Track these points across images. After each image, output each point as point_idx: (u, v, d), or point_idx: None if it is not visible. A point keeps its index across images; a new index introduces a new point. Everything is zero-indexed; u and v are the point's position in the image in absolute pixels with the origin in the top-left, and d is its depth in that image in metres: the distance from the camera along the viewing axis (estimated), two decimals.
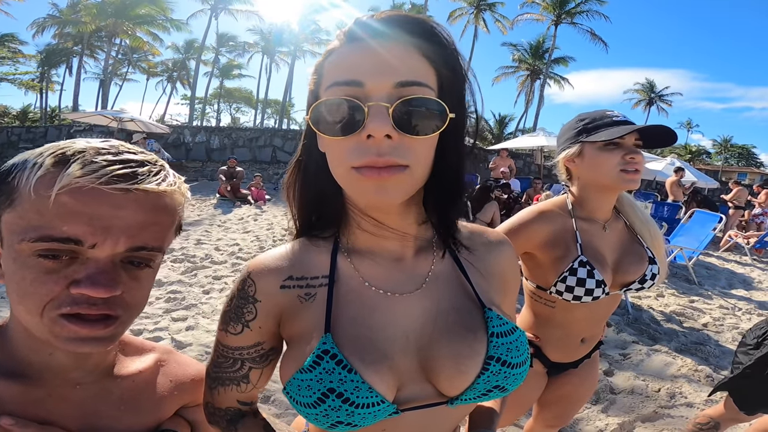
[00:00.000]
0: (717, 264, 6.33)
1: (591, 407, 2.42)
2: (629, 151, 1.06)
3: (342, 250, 0.62)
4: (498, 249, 0.70)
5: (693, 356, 3.07)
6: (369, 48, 0.50)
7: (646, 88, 43.62)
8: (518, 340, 0.61)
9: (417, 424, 0.60)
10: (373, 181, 0.49)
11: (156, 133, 12.18)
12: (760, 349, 1.47)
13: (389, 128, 0.47)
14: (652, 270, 1.14)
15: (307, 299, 0.60)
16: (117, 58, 30.99)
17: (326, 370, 0.53)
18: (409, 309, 0.60)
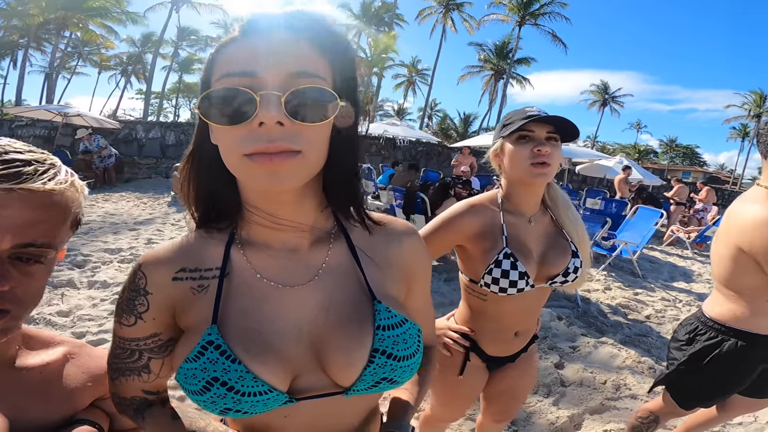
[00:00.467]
0: (660, 258, 6.71)
1: (543, 400, 2.48)
2: (537, 144, 1.07)
3: (237, 242, 0.62)
4: (400, 240, 0.70)
5: (636, 348, 3.21)
6: (263, 41, 0.51)
7: (601, 89, 45.82)
8: (406, 333, 0.62)
9: (317, 412, 0.63)
10: (265, 167, 0.49)
11: (105, 129, 11.52)
12: (693, 345, 1.50)
13: (281, 116, 0.48)
14: (574, 263, 1.17)
15: (200, 291, 0.60)
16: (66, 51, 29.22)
17: (210, 360, 0.55)
18: (301, 301, 0.61)
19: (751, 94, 41.33)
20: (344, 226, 0.66)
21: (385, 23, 34.32)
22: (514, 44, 32.54)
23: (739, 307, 1.39)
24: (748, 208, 1.30)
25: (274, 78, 0.49)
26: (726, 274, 1.39)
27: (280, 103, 0.48)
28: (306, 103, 0.50)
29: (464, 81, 38.36)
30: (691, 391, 1.55)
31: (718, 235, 1.44)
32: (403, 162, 9.44)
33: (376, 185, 7.60)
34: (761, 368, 1.45)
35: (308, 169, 0.53)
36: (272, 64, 0.50)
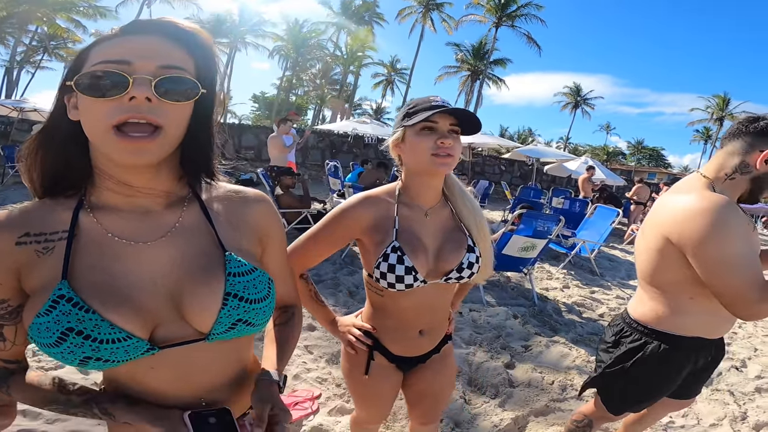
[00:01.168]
0: (620, 256, 6.84)
1: (489, 401, 2.42)
2: (441, 136, 1.05)
3: (86, 207, 0.66)
4: (253, 204, 0.80)
5: (587, 347, 3.20)
6: (139, 39, 0.61)
7: (573, 91, 47.04)
8: (256, 279, 0.71)
9: (183, 361, 0.68)
10: (128, 144, 0.57)
11: None
12: (618, 348, 1.44)
13: (149, 93, 0.57)
14: (468, 258, 1.13)
15: (45, 253, 0.63)
16: (31, 45, 27.94)
17: (63, 312, 0.58)
18: (154, 256, 0.67)
19: (715, 98, 43.27)
20: (198, 194, 0.74)
21: (365, 22, 34.21)
22: (491, 45, 33.00)
23: (660, 306, 1.33)
24: (681, 198, 1.23)
25: (145, 66, 0.59)
26: (650, 268, 1.32)
27: (150, 84, 0.58)
28: (171, 86, 0.60)
29: (442, 81, 38.70)
30: (618, 395, 1.49)
31: (645, 227, 1.38)
32: (372, 160, 9.35)
33: (342, 183, 7.47)
34: (687, 370, 1.40)
35: (168, 145, 0.62)
36: (145, 56, 0.60)
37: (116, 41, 0.61)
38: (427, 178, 1.12)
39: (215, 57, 0.68)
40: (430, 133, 1.05)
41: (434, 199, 1.16)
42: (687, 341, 1.33)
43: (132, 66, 0.58)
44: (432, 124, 1.05)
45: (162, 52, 0.61)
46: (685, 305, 1.29)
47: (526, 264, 4.08)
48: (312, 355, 2.74)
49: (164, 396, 0.70)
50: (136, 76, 0.57)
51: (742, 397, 2.75)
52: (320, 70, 36.91)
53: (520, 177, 16.55)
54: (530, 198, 8.91)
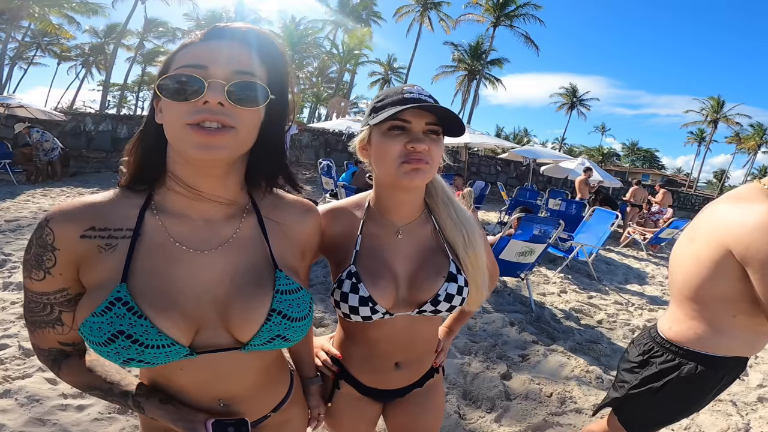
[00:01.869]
0: (616, 259, 6.77)
1: (485, 416, 2.31)
2: (413, 139, 0.82)
3: (152, 208, 0.69)
4: (304, 218, 0.82)
5: (586, 356, 3.11)
6: (217, 45, 0.65)
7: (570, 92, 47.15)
8: (300, 298, 0.73)
9: (214, 365, 0.71)
10: (202, 138, 0.60)
11: (51, 121, 10.82)
12: (647, 368, 1.35)
13: (222, 98, 0.61)
14: (447, 289, 0.91)
15: (107, 249, 0.64)
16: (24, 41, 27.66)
17: (117, 315, 0.61)
18: (209, 265, 0.69)
19: (710, 100, 43.52)
20: (256, 204, 0.76)
21: (363, 20, 34.03)
22: (488, 45, 32.92)
23: (701, 325, 1.23)
24: (748, 209, 1.11)
25: (220, 72, 0.62)
26: (697, 281, 1.21)
27: (222, 89, 0.61)
28: (243, 92, 0.63)
29: (438, 80, 38.52)
30: (643, 415, 1.40)
31: (694, 236, 1.26)
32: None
33: (335, 182, 7.34)
34: (716, 390, 1.32)
35: (238, 145, 0.64)
36: (220, 62, 0.62)
37: (197, 46, 0.64)
38: (397, 190, 0.91)
39: (287, 66, 0.70)
40: (399, 135, 0.83)
41: (410, 215, 0.96)
42: (726, 361, 1.25)
43: (207, 70, 0.62)
44: (403, 123, 0.82)
45: (236, 58, 0.64)
46: (728, 323, 1.20)
47: (523, 269, 3.98)
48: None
49: (187, 395, 0.73)
50: (210, 81, 0.61)
51: (744, 408, 2.68)
52: (316, 68, 36.68)
53: (516, 178, 16.49)
54: (526, 199, 8.83)
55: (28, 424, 1.86)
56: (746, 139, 43.36)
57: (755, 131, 43.07)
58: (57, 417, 1.93)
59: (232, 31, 0.66)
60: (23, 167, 8.53)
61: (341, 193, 5.73)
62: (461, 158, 12.23)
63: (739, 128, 42.97)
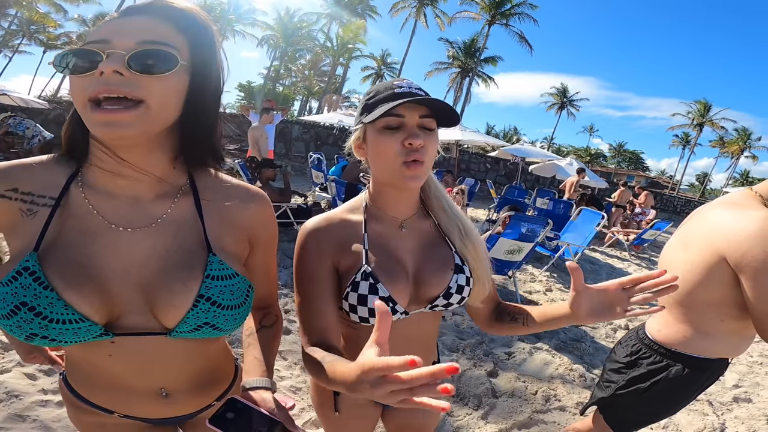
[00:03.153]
0: (600, 259, 6.89)
1: (472, 413, 2.34)
2: (409, 134, 0.80)
3: (78, 180, 0.66)
4: (250, 204, 0.77)
5: (570, 354, 3.16)
6: (127, 19, 0.62)
7: (560, 92, 47.58)
8: (234, 285, 0.69)
9: (141, 351, 0.68)
10: (101, 117, 0.56)
11: (35, 109, 10.56)
12: (634, 369, 1.38)
13: (119, 67, 0.56)
14: (457, 280, 0.91)
15: (28, 215, 0.62)
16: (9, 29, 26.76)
17: (22, 285, 0.58)
18: (134, 244, 0.66)
19: (696, 104, 44.34)
20: (195, 184, 0.72)
21: (358, 14, 33.78)
22: (482, 43, 33.00)
23: (689, 328, 1.27)
24: (744, 216, 1.12)
25: (122, 44, 0.58)
26: (687, 285, 1.23)
27: (123, 59, 0.57)
28: (147, 59, 0.58)
29: (431, 77, 38.56)
30: (628, 414, 1.44)
31: (687, 241, 1.28)
32: None
33: (326, 176, 7.30)
34: (699, 390, 1.37)
35: (151, 120, 0.60)
36: (124, 34, 0.59)
37: (109, 23, 0.62)
38: (396, 187, 0.90)
39: (212, 37, 0.67)
40: (395, 132, 0.81)
41: (410, 209, 0.94)
42: (711, 363, 1.29)
43: (110, 44, 0.58)
44: (397, 119, 0.81)
45: (144, 29, 0.60)
46: (715, 327, 1.23)
47: (511, 267, 4.02)
48: (286, 361, 2.60)
49: (125, 383, 0.71)
50: (110, 52, 0.57)
51: (720, 407, 2.76)
52: (309, 61, 36.33)
53: (504, 176, 16.60)
54: (515, 197, 8.90)
55: (7, 420, 1.82)
56: (730, 143, 44.42)
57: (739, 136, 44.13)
58: (37, 413, 1.89)
59: (147, 6, 0.63)
60: (4, 155, 8.32)
61: (331, 187, 5.69)
62: (452, 155, 12.27)
63: (723, 132, 43.98)
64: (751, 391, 3.03)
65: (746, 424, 2.59)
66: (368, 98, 0.86)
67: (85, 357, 0.71)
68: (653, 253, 7.98)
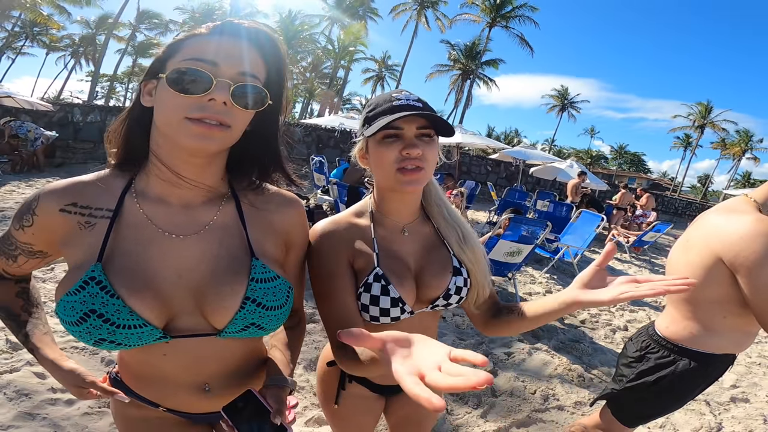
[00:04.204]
0: None
1: (471, 412, 2.37)
2: (407, 145, 0.86)
3: (132, 190, 0.71)
4: (285, 208, 0.82)
5: (569, 354, 3.20)
6: (228, 42, 0.66)
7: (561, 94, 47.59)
8: (277, 287, 0.74)
9: (194, 352, 0.73)
10: (201, 131, 0.62)
11: (38, 111, 10.64)
12: (643, 362, 1.45)
13: (227, 98, 0.63)
14: (455, 282, 0.97)
15: (87, 227, 0.67)
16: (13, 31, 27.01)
17: (90, 294, 0.62)
18: (185, 250, 0.70)
19: (698, 106, 44.29)
20: (236, 193, 0.77)
21: (359, 16, 33.92)
22: (483, 45, 33.09)
23: (695, 324, 1.34)
24: (737, 220, 1.23)
25: (228, 71, 0.64)
26: None
27: (229, 89, 0.63)
28: (246, 95, 0.66)
29: (432, 79, 38.62)
30: (636, 408, 1.50)
31: (688, 244, 1.36)
32: None
33: (327, 179, 7.35)
34: (704, 384, 1.43)
35: (229, 141, 0.67)
36: (230, 61, 0.65)
37: (207, 39, 0.65)
38: (397, 193, 0.96)
39: (287, 66, 0.73)
40: (393, 142, 0.87)
41: (412, 214, 1.00)
42: (716, 358, 1.36)
43: (218, 68, 0.63)
44: (396, 131, 0.87)
45: (244, 59, 0.66)
46: (719, 323, 1.31)
47: (511, 269, 4.06)
48: None
49: (174, 379, 0.76)
50: (219, 80, 0.63)
51: (717, 407, 2.78)
52: (310, 63, 36.46)
53: (505, 178, 16.63)
54: (515, 200, 8.93)
55: (17, 418, 1.86)
56: (731, 145, 44.32)
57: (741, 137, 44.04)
58: (47, 411, 1.93)
59: (243, 29, 0.67)
60: (8, 157, 8.37)
61: (333, 190, 5.75)
62: (453, 158, 12.32)
63: (725, 134, 43.90)
64: (748, 391, 3.06)
65: (743, 424, 2.62)
66: (369, 111, 0.92)
67: (140, 356, 0.75)
68: (653, 255, 8.01)
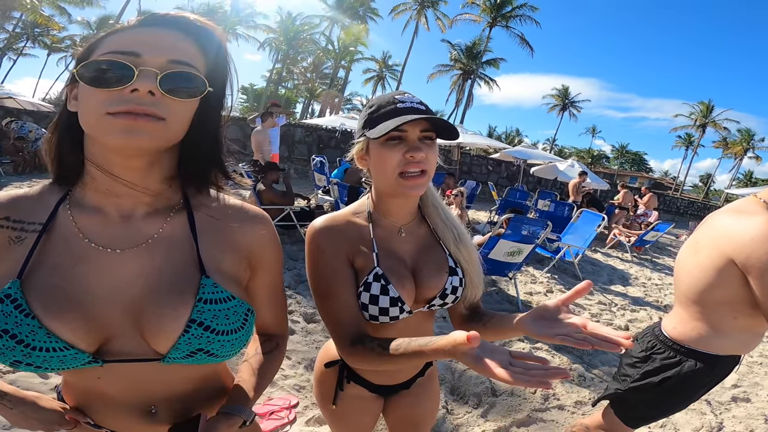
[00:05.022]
0: (602, 260, 6.90)
1: (472, 411, 2.38)
2: (410, 148, 0.86)
3: (66, 203, 0.65)
4: (249, 225, 0.74)
5: (569, 354, 3.19)
6: (154, 32, 0.60)
7: (562, 93, 47.55)
8: (230, 309, 0.65)
9: (135, 376, 0.66)
10: (124, 123, 0.55)
11: (41, 112, 10.71)
12: (648, 363, 1.44)
13: (153, 86, 0.55)
14: (452, 282, 0.99)
15: (16, 242, 0.62)
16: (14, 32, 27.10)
17: (3, 312, 0.56)
18: (121, 266, 0.63)
19: (699, 105, 44.22)
20: (190, 203, 0.69)
21: (359, 17, 33.96)
22: (484, 45, 33.09)
23: (704, 326, 1.33)
24: (747, 221, 1.21)
25: (154, 60, 0.57)
26: (700, 286, 1.30)
27: (155, 77, 0.56)
28: (178, 82, 0.58)
29: (434, 79, 38.65)
30: (640, 408, 1.50)
31: (698, 246, 1.35)
32: None
33: (328, 179, 7.36)
34: (709, 385, 1.43)
35: (167, 136, 0.59)
36: (155, 49, 0.58)
37: (130, 32, 0.60)
38: (397, 197, 0.96)
39: (228, 57, 0.67)
40: (396, 144, 0.87)
41: (409, 216, 1.01)
42: (723, 359, 1.35)
43: (141, 58, 0.57)
44: (399, 133, 0.86)
45: (172, 47, 0.59)
46: (729, 325, 1.30)
47: (511, 268, 4.06)
48: (290, 360, 2.66)
49: (114, 402, 0.69)
50: (142, 68, 0.56)
51: (718, 407, 2.78)
52: (311, 64, 36.50)
53: (506, 178, 16.63)
54: (516, 199, 8.94)
55: None
56: (733, 144, 44.23)
57: (742, 137, 43.95)
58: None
59: (171, 18, 0.62)
60: (11, 158, 8.41)
61: (333, 190, 5.75)
62: (453, 158, 12.31)
63: (726, 133, 43.82)
64: (750, 390, 3.06)
65: (744, 424, 2.62)
66: (370, 111, 0.91)
67: (75, 378, 0.70)
68: (655, 255, 8.00)
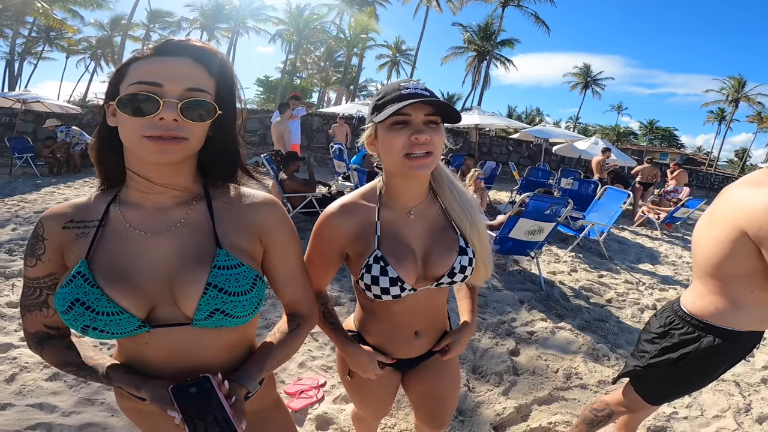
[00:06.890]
0: (629, 238, 6.70)
1: (493, 389, 2.40)
2: (415, 131, 0.91)
3: (116, 201, 0.81)
4: (259, 207, 0.87)
5: (593, 334, 3.15)
6: (170, 61, 0.73)
7: (583, 72, 45.82)
8: (240, 273, 0.78)
9: (173, 340, 0.79)
10: (158, 146, 0.70)
11: (68, 114, 11.09)
12: (666, 339, 1.43)
13: (176, 115, 0.70)
14: (461, 261, 1.03)
15: (81, 236, 0.78)
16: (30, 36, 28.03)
17: (76, 285, 0.72)
18: (159, 246, 0.79)
19: (730, 80, 41.86)
20: (209, 193, 0.84)
21: (368, 3, 33.42)
22: (498, 25, 32.10)
23: (722, 300, 1.31)
24: (760, 192, 1.19)
25: (173, 90, 0.71)
26: (716, 259, 1.28)
27: (176, 107, 0.70)
28: (195, 109, 0.73)
29: (448, 62, 37.83)
30: (660, 385, 1.49)
31: (713, 218, 1.33)
32: None
33: (347, 166, 7.39)
34: (728, 363, 1.40)
35: (188, 152, 0.75)
36: (173, 80, 0.72)
37: (150, 61, 0.72)
38: (405, 178, 1.00)
39: (234, 78, 0.80)
40: (402, 128, 0.92)
41: (419, 197, 1.05)
42: (742, 336, 1.33)
43: (163, 88, 0.70)
44: (404, 117, 0.91)
45: (188, 76, 0.73)
46: (746, 298, 1.28)
47: (533, 248, 4.01)
48: (317, 342, 2.73)
49: (158, 370, 0.81)
50: (166, 100, 0.70)
51: (747, 388, 2.68)
52: (324, 53, 36.30)
53: (528, 157, 16.28)
54: (538, 179, 8.74)
55: (78, 404, 2.01)
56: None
57: None
58: (104, 397, 2.07)
59: (181, 47, 0.74)
60: (45, 160, 8.77)
61: (353, 176, 5.79)
62: (471, 139, 12.12)
63: (761, 108, 41.39)
64: None
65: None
66: (378, 99, 0.96)
67: (128, 350, 0.83)
68: (686, 232, 7.71)
